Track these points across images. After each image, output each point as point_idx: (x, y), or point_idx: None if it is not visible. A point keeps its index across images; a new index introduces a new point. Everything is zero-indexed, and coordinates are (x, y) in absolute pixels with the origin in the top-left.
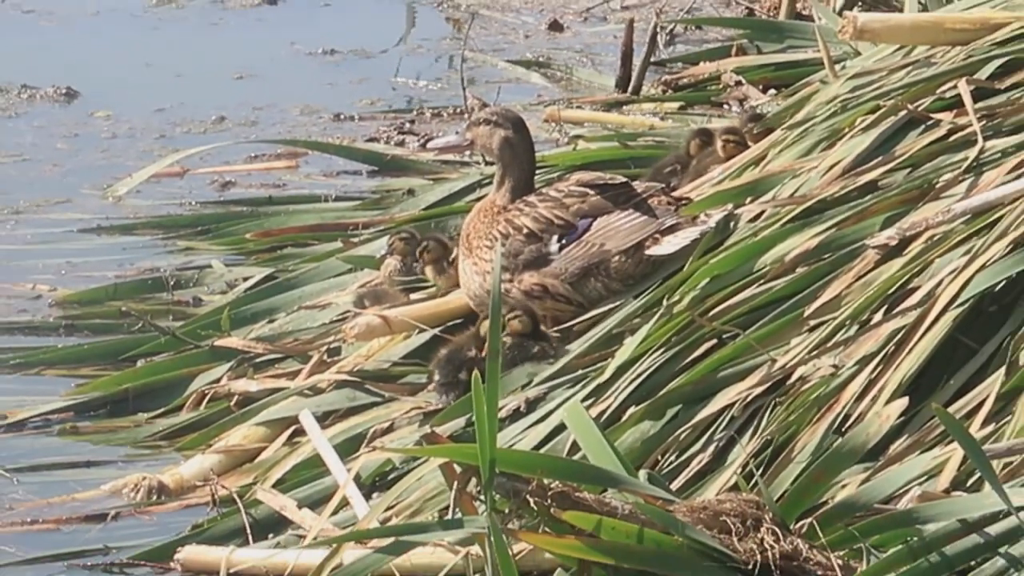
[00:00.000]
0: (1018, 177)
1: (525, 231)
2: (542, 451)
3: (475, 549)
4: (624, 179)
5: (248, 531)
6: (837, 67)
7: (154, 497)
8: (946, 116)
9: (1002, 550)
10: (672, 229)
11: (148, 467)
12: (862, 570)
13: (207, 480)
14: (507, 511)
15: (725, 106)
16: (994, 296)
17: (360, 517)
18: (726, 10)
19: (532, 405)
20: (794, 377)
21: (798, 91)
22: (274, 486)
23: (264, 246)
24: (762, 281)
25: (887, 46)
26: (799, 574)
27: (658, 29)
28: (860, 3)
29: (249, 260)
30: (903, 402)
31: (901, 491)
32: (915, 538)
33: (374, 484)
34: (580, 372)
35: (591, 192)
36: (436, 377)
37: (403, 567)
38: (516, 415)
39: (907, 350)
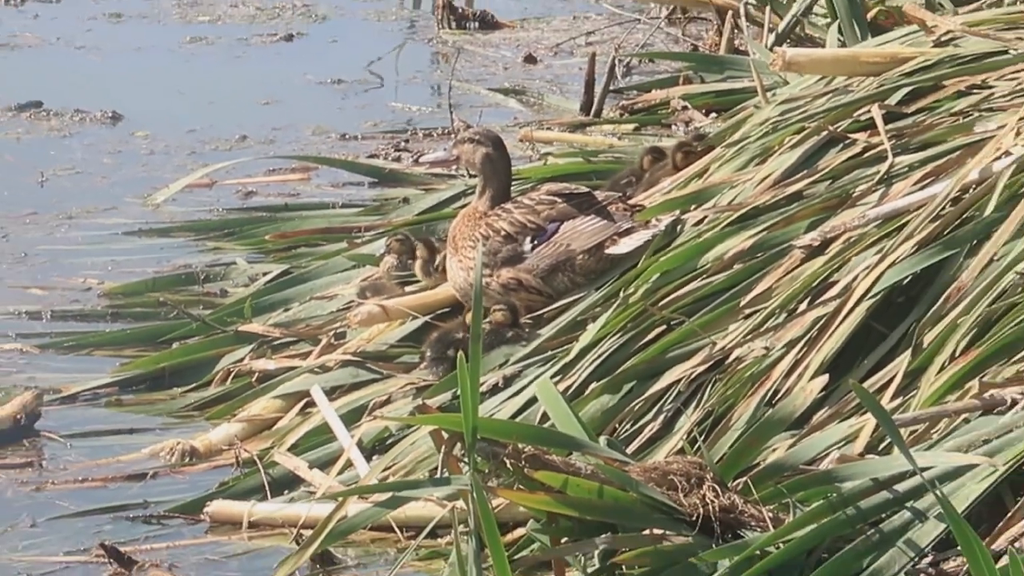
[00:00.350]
0: (923, 188)
1: (503, 233)
2: (517, 420)
3: (460, 503)
4: (587, 189)
5: (267, 488)
6: (768, 94)
7: (187, 459)
8: (861, 136)
9: (908, 504)
10: (628, 232)
11: (181, 434)
12: (789, 521)
13: (232, 445)
14: (487, 471)
15: (673, 127)
16: (902, 289)
17: (362, 476)
18: (675, 45)
19: (509, 381)
20: (731, 357)
21: (735, 114)
22: (289, 450)
23: (281, 246)
24: (704, 276)
25: (811, 76)
26: (735, 525)
27: (616, 62)
28: (788, 40)
29: (268, 258)
30: (824, 379)
31: (822, 454)
32: (834, 494)
33: (374, 448)
34: (549, 353)
35: (559, 200)
36: (428, 354)
37: (398, 518)
38: (495, 389)
39: (828, 334)
